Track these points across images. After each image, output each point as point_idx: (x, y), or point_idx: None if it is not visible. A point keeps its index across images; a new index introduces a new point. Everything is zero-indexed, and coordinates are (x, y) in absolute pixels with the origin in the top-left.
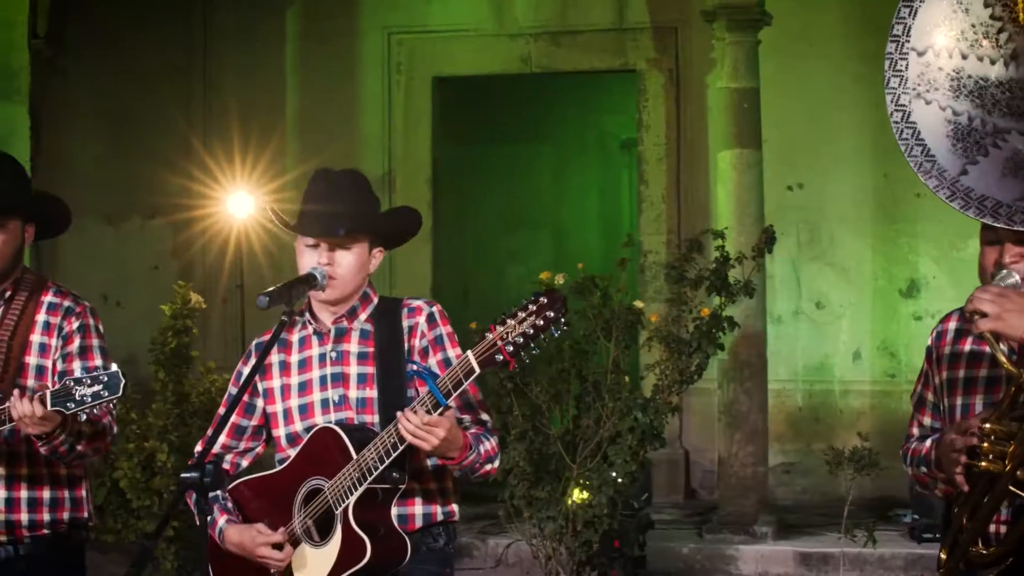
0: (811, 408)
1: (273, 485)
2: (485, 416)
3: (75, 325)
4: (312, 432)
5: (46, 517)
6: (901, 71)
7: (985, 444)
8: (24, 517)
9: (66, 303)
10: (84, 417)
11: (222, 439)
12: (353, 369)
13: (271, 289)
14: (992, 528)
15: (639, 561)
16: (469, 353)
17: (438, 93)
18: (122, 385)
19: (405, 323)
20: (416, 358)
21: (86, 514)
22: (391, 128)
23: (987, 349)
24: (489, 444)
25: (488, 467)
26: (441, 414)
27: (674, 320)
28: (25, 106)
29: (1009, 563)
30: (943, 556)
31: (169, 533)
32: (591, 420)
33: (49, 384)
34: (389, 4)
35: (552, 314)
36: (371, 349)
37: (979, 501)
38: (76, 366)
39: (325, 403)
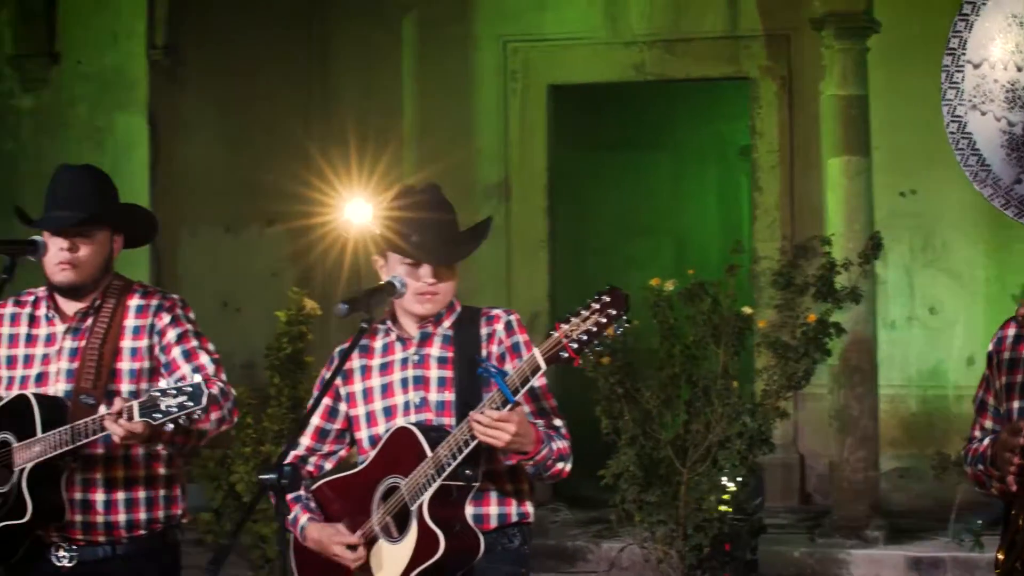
0: (925, 413)
1: (353, 485)
2: (558, 421)
3: (167, 319)
4: (390, 432)
5: (143, 517)
6: (957, 83)
7: None
8: (122, 518)
9: (154, 302)
10: (170, 428)
11: (306, 442)
12: (434, 373)
13: (351, 297)
14: None
15: (751, 565)
16: (536, 350)
17: (553, 101)
18: (204, 396)
19: (484, 330)
20: (493, 363)
21: (180, 511)
22: (507, 136)
23: None
24: (561, 444)
25: (560, 465)
26: (510, 411)
27: (781, 326)
28: (144, 116)
29: None
30: (1000, 557)
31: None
32: (701, 425)
33: (145, 384)
34: (504, 13)
35: (614, 312)
36: (451, 354)
37: None
38: (176, 353)
39: (407, 406)
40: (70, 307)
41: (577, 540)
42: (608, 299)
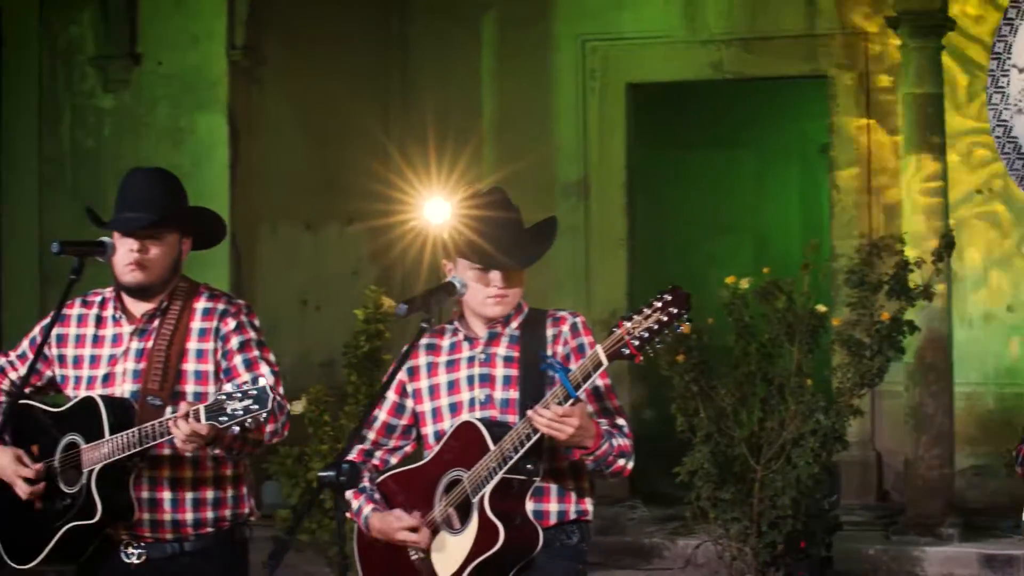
0: (1002, 411)
1: (417, 477)
2: (621, 420)
3: (232, 325)
4: (454, 427)
5: (210, 515)
6: (1003, 88)
7: None
8: (189, 516)
9: (220, 306)
10: (236, 431)
11: (373, 436)
12: (500, 371)
13: (411, 298)
14: None
15: (825, 562)
16: (599, 347)
17: (632, 99)
18: (270, 400)
19: (550, 331)
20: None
21: (247, 510)
22: (586, 134)
23: None
24: (623, 441)
25: (621, 463)
26: (572, 405)
27: (856, 323)
28: (224, 115)
29: None
30: None
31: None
32: (775, 423)
33: (211, 385)
34: (583, 12)
35: (675, 310)
36: (517, 354)
37: None
38: (237, 360)
39: (472, 402)
40: (137, 308)
41: (654, 537)
42: (670, 298)
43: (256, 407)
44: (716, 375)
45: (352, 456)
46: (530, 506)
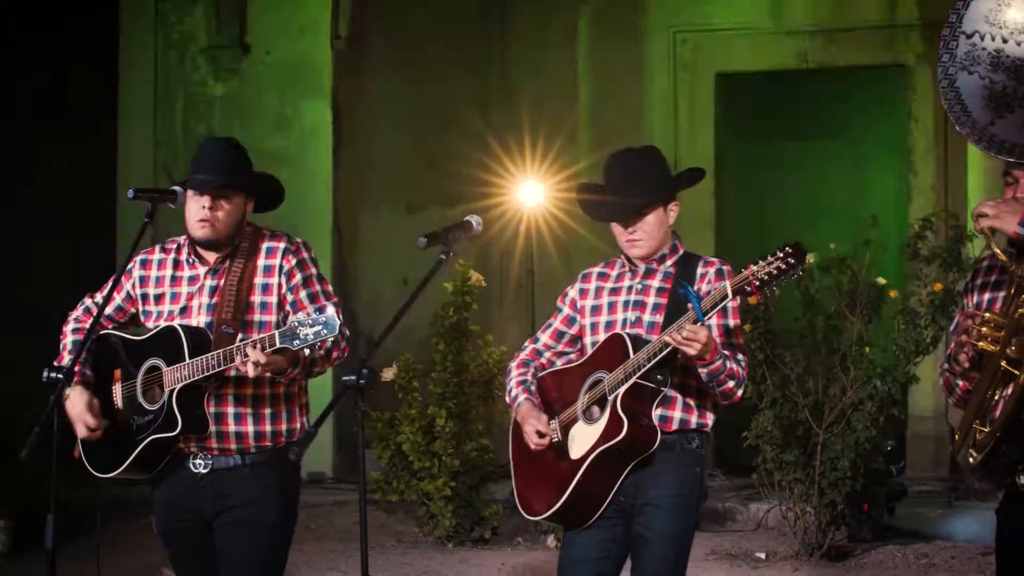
0: None
1: (569, 375)
2: (741, 356)
3: (293, 262)
4: (607, 336)
5: (268, 429)
6: (952, 49)
7: (984, 328)
8: (250, 429)
9: (281, 244)
10: (307, 353)
11: (545, 339)
12: (651, 299)
13: (431, 232)
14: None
15: (887, 525)
16: (726, 282)
17: (720, 88)
18: (338, 325)
19: (699, 271)
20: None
21: (298, 426)
22: (676, 122)
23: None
24: (737, 367)
25: (731, 384)
26: (701, 325)
27: (911, 295)
28: (328, 102)
29: (995, 443)
30: (956, 438)
31: (447, 492)
32: (837, 389)
33: (273, 315)
34: (674, 4)
35: (793, 260)
36: (668, 287)
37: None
38: (302, 295)
39: (624, 322)
40: (209, 256)
41: (728, 502)
42: (790, 250)
43: (326, 332)
44: (782, 344)
45: (526, 354)
46: (658, 412)
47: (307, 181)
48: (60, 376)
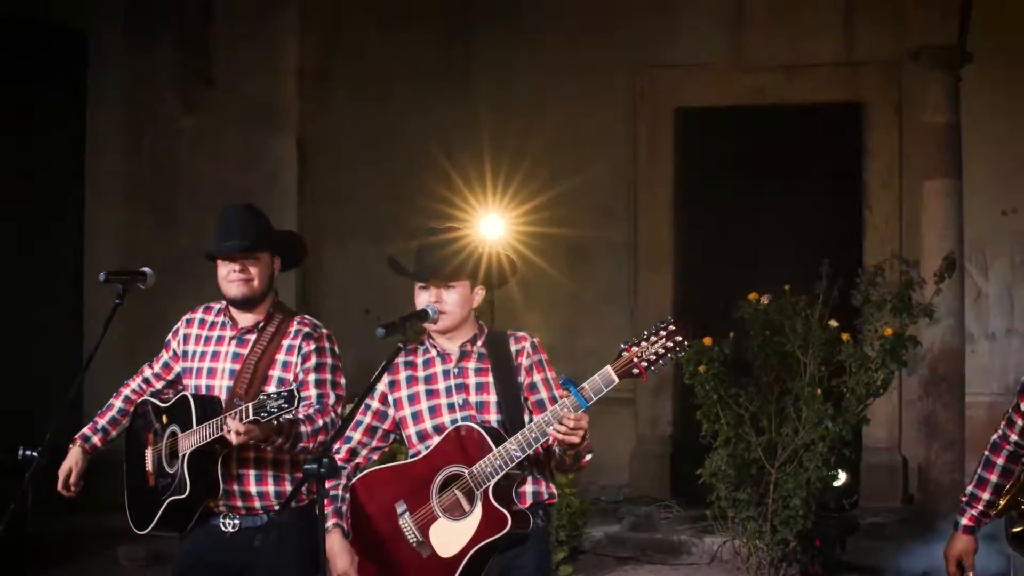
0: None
1: (410, 471)
2: None
3: (312, 347)
4: (452, 429)
5: (289, 489)
6: None
7: None
8: (271, 489)
9: (306, 329)
10: (287, 423)
11: (358, 436)
12: (472, 380)
13: (388, 323)
14: None
15: (841, 560)
16: (609, 367)
17: (679, 123)
18: (296, 399)
19: (513, 347)
20: (523, 374)
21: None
22: (636, 155)
23: None
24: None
25: (588, 456)
26: (583, 413)
27: (860, 339)
28: (294, 137)
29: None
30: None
31: None
32: (790, 429)
33: None
34: (634, 40)
35: (680, 339)
36: (486, 366)
37: None
38: (311, 378)
39: (451, 406)
40: (242, 319)
41: (683, 535)
42: (672, 329)
43: (286, 405)
44: (737, 384)
45: (340, 456)
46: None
47: (273, 215)
48: (35, 455)
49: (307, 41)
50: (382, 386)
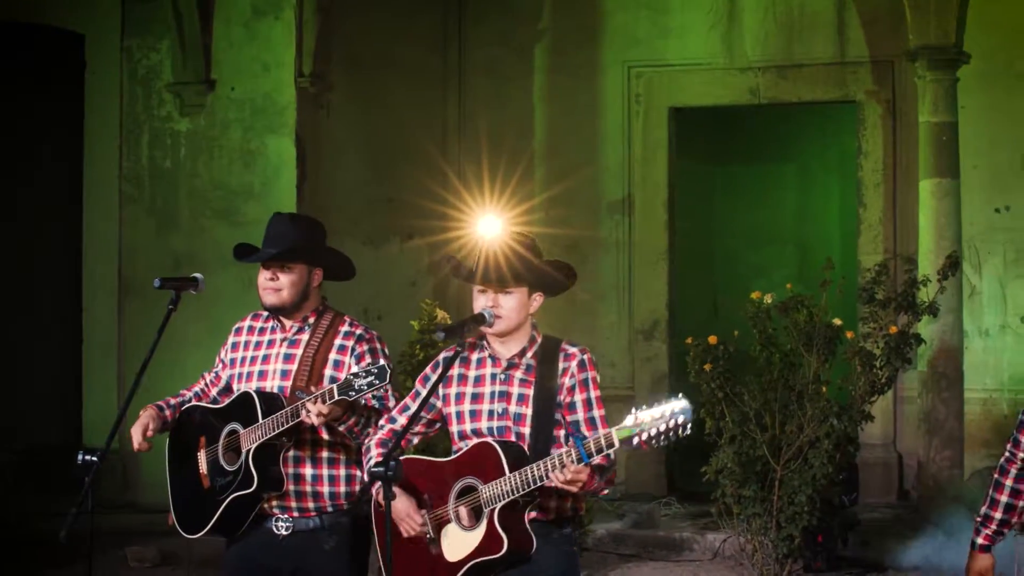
0: (1016, 416)
1: (438, 470)
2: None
3: (365, 348)
4: (475, 443)
5: (343, 490)
6: None
7: None
8: (326, 490)
9: (358, 331)
10: (363, 403)
11: (402, 421)
12: (515, 389)
13: (447, 326)
14: None
15: (842, 555)
16: (613, 431)
17: (674, 122)
18: (389, 374)
19: (561, 364)
20: (564, 393)
21: (358, 488)
22: (630, 154)
23: None
24: (610, 473)
25: (606, 491)
26: (585, 466)
27: (866, 336)
28: (292, 139)
29: None
30: None
31: None
32: (794, 427)
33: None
34: (629, 40)
35: (683, 424)
36: (531, 378)
37: None
38: None
39: (491, 413)
40: (288, 324)
41: (684, 531)
42: (682, 420)
43: (378, 382)
44: (741, 382)
45: (383, 434)
46: (533, 512)
47: (271, 214)
48: (95, 459)
49: (305, 43)
50: (434, 377)
